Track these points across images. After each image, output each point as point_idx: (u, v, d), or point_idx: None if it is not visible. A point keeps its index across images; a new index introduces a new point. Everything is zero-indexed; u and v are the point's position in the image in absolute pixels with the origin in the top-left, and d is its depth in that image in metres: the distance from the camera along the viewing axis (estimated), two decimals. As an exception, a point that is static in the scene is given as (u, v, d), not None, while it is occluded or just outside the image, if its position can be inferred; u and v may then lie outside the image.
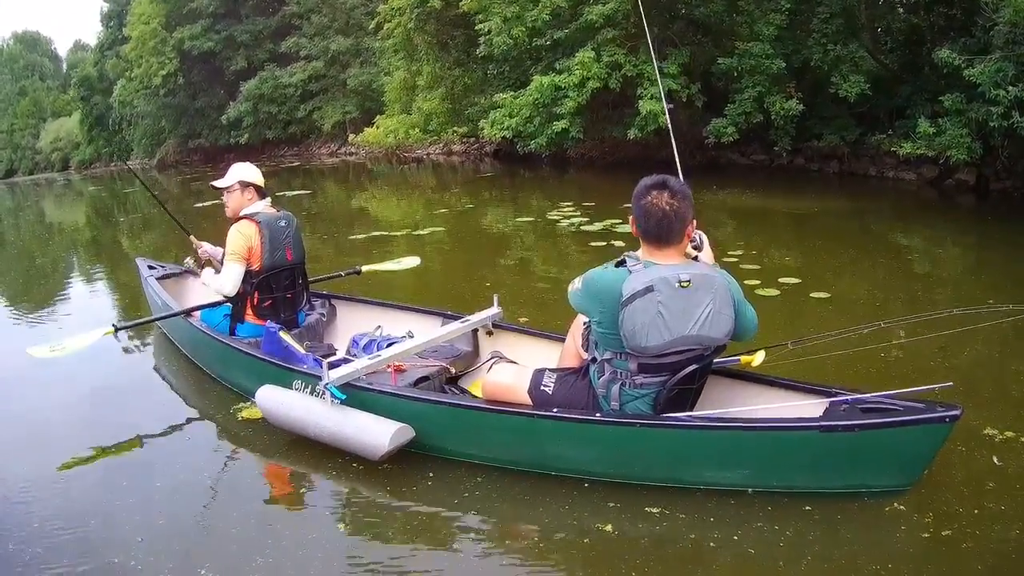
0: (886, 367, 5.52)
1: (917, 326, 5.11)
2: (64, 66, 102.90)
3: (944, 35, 15.34)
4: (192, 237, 7.20)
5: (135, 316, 8.43)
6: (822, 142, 18.07)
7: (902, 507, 3.81)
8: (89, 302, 10.56)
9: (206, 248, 6.96)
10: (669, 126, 5.61)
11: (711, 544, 3.67)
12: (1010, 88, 11.64)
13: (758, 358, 4.40)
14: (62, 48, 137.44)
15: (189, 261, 7.18)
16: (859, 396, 3.93)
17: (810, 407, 4.08)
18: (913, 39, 16.86)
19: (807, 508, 3.81)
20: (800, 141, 18.67)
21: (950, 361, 5.73)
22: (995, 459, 4.24)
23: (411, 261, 7.66)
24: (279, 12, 49.76)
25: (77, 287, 12.21)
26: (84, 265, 14.81)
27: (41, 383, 6.65)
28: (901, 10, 17.33)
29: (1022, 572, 3.38)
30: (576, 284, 4.12)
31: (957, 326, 4.96)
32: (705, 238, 4.20)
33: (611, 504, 3.99)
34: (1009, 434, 4.47)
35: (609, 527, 3.83)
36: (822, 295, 7.87)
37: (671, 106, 17.63)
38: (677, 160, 5.16)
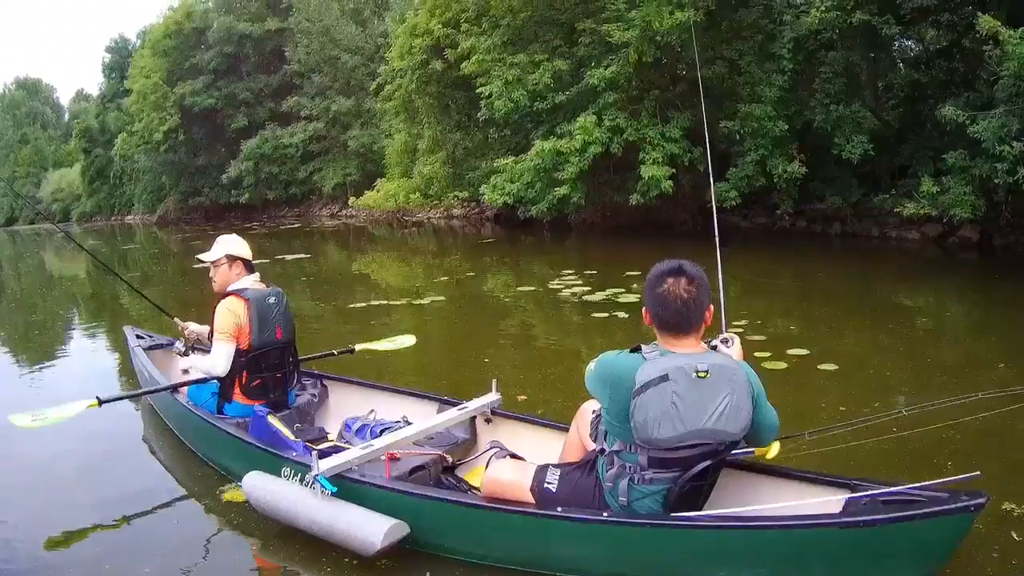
0: (899, 447, 5.33)
1: (937, 410, 4.96)
2: (66, 115, 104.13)
3: (946, 90, 15.46)
4: (176, 319, 7.11)
5: (126, 383, 8.38)
6: (824, 203, 18.18)
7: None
8: (82, 363, 10.49)
9: (191, 328, 6.83)
10: (713, 198, 5.47)
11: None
12: (1015, 143, 11.69)
13: (774, 449, 4.23)
14: (64, 96, 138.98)
15: (179, 345, 7.00)
16: (880, 489, 3.77)
17: (828, 501, 3.93)
18: (915, 95, 16.97)
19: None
20: (802, 203, 18.83)
21: (964, 437, 5.54)
22: (1014, 535, 4.15)
23: (406, 340, 7.47)
24: (280, 70, 50.34)
25: (72, 345, 12.17)
26: (81, 323, 14.81)
27: (24, 451, 6.55)
28: (902, 66, 17.40)
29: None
30: (591, 366, 3.94)
31: (990, 409, 4.81)
32: (737, 341, 4.04)
33: (621, 609, 3.79)
34: (1028, 507, 4.39)
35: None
36: (831, 367, 7.72)
37: (673, 171, 17.68)
38: (716, 233, 4.98)
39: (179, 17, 53.10)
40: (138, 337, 7.96)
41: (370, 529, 4.12)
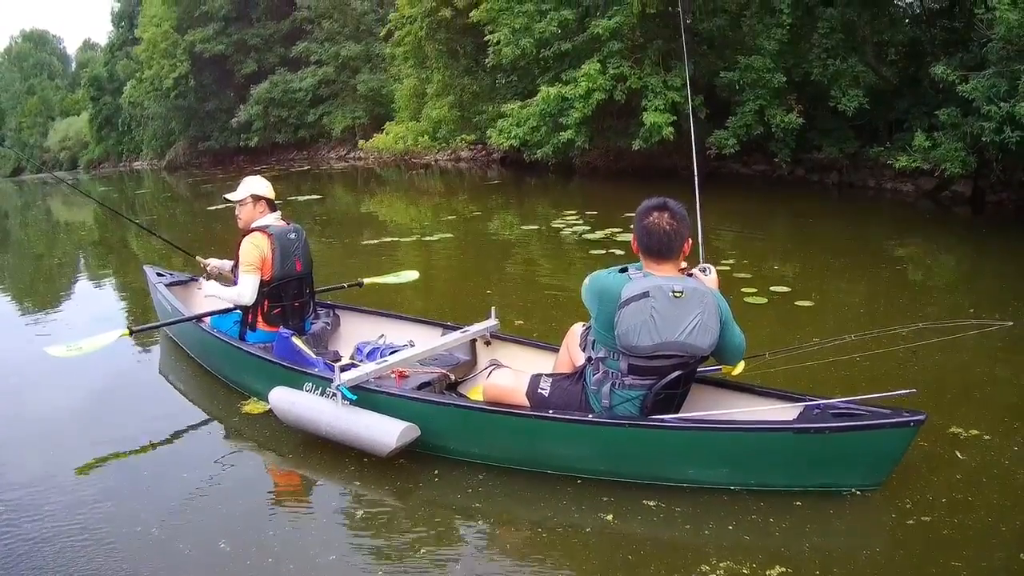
0: (859, 375, 5.82)
1: (892, 336, 5.43)
2: (73, 65, 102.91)
3: (944, 49, 15.52)
4: (197, 257, 7.51)
5: (145, 320, 8.59)
6: (822, 154, 18.34)
7: (884, 497, 4.16)
8: (100, 304, 10.73)
9: (212, 263, 7.23)
10: (692, 139, 5.90)
11: (706, 532, 3.97)
12: (1002, 104, 11.82)
13: (739, 367, 4.69)
14: (71, 47, 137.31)
15: (203, 281, 7.38)
16: (831, 401, 4.26)
17: (786, 411, 4.41)
18: (914, 52, 17.06)
19: (798, 503, 4.12)
20: (800, 152, 18.92)
21: (920, 368, 6.03)
22: (958, 454, 4.61)
23: (410, 275, 7.90)
24: (290, 16, 49.93)
25: (87, 289, 12.35)
26: (93, 267, 14.94)
27: (53, 383, 6.90)
28: (907, 22, 17.50)
29: (998, 553, 3.71)
30: (585, 281, 4.46)
31: (929, 337, 5.28)
32: (713, 269, 4.53)
33: (606, 499, 4.29)
34: (973, 432, 4.86)
35: (610, 516, 4.14)
36: (807, 304, 8.15)
37: (674, 119, 17.94)
38: (696, 174, 5.49)
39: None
40: (158, 275, 8.29)
41: (385, 431, 4.60)
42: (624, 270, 4.28)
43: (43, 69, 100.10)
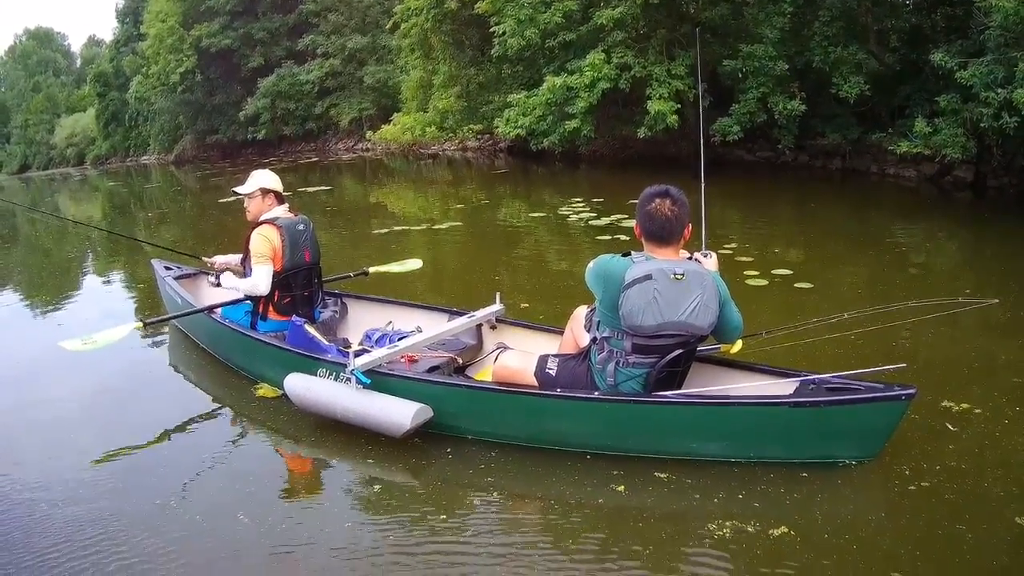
0: (853, 352, 6.02)
1: (883, 315, 5.61)
2: (78, 62, 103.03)
3: (945, 36, 15.60)
4: (204, 258, 7.66)
5: (154, 313, 8.65)
6: (825, 140, 18.50)
7: (883, 466, 4.35)
8: (110, 298, 10.76)
9: (219, 261, 7.34)
10: (701, 129, 6.09)
11: (716, 501, 4.16)
12: (1000, 90, 11.96)
13: (737, 346, 4.91)
14: (75, 43, 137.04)
15: (212, 279, 7.24)
16: (825, 376, 4.45)
17: (782, 387, 4.60)
18: (916, 39, 17.14)
19: (804, 475, 4.31)
20: (804, 139, 19.08)
21: (913, 345, 6.28)
22: (949, 426, 4.81)
23: (414, 263, 8.06)
24: (296, 10, 49.98)
25: (97, 283, 12.41)
26: (103, 262, 14.97)
27: (67, 375, 6.98)
28: (909, 4, 17.57)
29: (998, 517, 3.91)
30: (590, 265, 4.64)
31: (920, 314, 5.46)
32: (713, 255, 4.74)
33: (616, 472, 4.47)
34: (965, 405, 5.06)
35: (621, 488, 4.34)
36: (806, 285, 8.33)
37: (678, 107, 18.06)
38: (703, 161, 5.73)
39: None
40: (166, 268, 8.44)
41: (400, 412, 4.78)
42: (627, 255, 4.46)
43: (48, 66, 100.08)
